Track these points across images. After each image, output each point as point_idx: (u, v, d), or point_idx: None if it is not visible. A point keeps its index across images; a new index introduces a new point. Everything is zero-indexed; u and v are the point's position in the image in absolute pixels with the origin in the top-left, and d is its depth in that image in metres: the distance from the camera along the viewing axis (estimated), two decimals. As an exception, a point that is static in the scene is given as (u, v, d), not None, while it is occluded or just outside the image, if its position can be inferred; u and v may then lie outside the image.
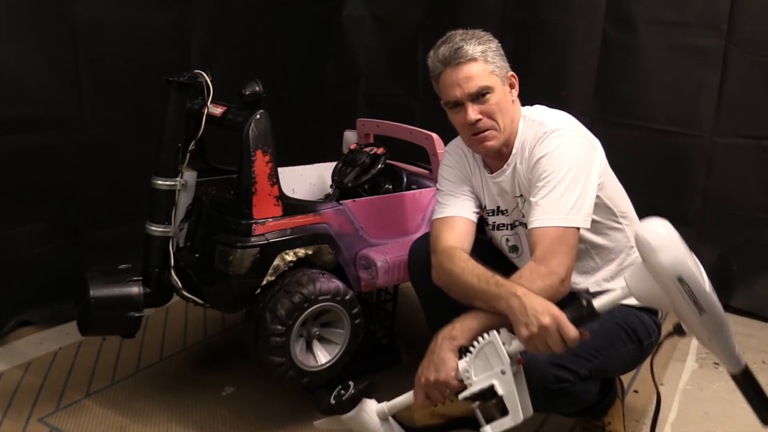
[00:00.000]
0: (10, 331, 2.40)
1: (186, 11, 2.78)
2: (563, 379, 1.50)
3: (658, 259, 1.19)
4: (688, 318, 1.23)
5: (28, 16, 2.26)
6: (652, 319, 1.73)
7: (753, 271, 2.82)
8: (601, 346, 1.60)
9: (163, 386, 2.12)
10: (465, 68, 1.58)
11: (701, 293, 1.18)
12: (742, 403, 2.20)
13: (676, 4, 2.75)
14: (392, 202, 2.16)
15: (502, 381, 1.37)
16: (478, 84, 1.58)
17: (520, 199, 1.70)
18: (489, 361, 1.40)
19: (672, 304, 1.24)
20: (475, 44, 1.59)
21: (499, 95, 1.61)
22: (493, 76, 1.60)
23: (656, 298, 1.26)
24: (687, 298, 1.18)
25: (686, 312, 1.21)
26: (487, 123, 1.61)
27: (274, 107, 1.87)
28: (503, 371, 1.37)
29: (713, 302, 1.20)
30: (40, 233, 2.43)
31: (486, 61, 1.59)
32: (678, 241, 1.22)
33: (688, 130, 2.80)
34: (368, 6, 3.56)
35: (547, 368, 1.47)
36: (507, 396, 1.37)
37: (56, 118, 2.41)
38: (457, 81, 1.59)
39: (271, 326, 1.78)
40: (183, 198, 1.92)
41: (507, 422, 1.37)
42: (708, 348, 1.27)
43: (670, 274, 1.19)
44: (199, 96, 1.90)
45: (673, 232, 1.23)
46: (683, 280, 1.18)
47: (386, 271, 1.98)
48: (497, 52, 1.63)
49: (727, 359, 1.26)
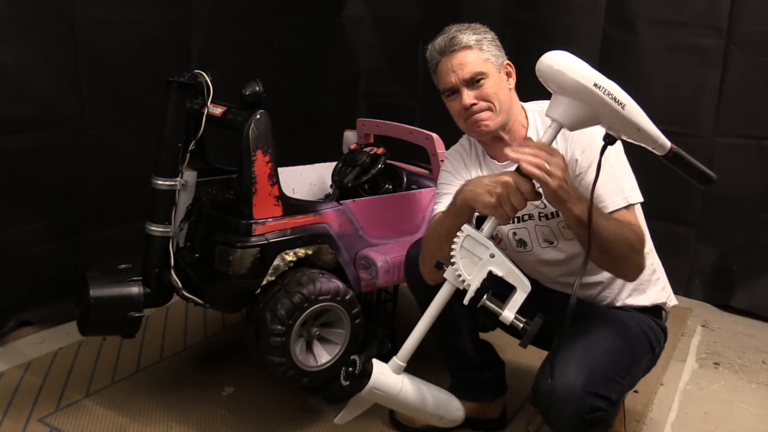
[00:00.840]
0: (10, 331, 2.40)
1: (186, 11, 2.79)
2: (599, 408, 1.48)
3: (572, 77, 1.31)
4: (615, 118, 1.33)
5: (28, 16, 2.26)
6: (658, 324, 1.73)
7: (753, 271, 2.82)
8: (628, 365, 1.60)
9: (163, 386, 2.12)
10: (459, 55, 1.62)
11: (617, 90, 1.31)
12: (742, 403, 2.22)
13: (676, 4, 2.75)
14: (392, 202, 2.16)
15: (496, 263, 1.39)
16: (473, 70, 1.61)
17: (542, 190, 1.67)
18: (474, 255, 1.41)
19: (597, 113, 1.34)
20: (470, 34, 1.64)
21: (494, 81, 1.63)
22: (488, 63, 1.63)
23: (583, 116, 1.36)
24: (608, 98, 1.30)
25: (612, 112, 1.32)
26: (483, 105, 1.63)
27: (274, 107, 1.87)
28: (492, 255, 1.39)
29: (627, 95, 1.32)
30: (40, 233, 2.43)
31: (481, 49, 1.63)
32: (577, 58, 1.35)
33: (688, 130, 2.80)
34: (368, 6, 3.56)
35: (583, 398, 1.45)
36: (507, 273, 1.39)
37: (56, 118, 2.41)
38: (452, 68, 1.63)
39: (271, 326, 1.78)
40: (183, 198, 1.92)
41: (519, 296, 1.39)
42: (638, 140, 1.37)
43: (588, 83, 1.30)
44: (199, 96, 1.90)
45: (566, 53, 1.35)
46: (599, 85, 1.30)
47: (386, 271, 1.98)
48: (493, 42, 1.66)
49: (657, 144, 1.37)
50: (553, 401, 1.47)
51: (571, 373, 1.47)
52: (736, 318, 2.82)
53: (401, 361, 1.53)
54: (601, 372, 1.50)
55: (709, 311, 2.89)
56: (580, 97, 1.33)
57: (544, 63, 1.35)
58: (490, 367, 1.93)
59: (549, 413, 1.51)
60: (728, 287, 2.88)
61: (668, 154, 1.38)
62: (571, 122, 1.38)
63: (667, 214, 2.88)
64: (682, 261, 2.93)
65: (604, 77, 1.32)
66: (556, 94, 1.38)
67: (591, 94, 1.31)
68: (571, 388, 1.45)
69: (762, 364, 2.44)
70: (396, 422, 1.95)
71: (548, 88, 1.38)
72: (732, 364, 2.43)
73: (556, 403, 1.46)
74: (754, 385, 2.28)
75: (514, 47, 2.36)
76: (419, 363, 1.60)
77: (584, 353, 1.49)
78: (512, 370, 2.01)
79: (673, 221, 2.91)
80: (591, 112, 1.34)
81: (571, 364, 1.48)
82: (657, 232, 1.96)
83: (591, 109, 1.34)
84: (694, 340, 2.60)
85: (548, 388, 1.47)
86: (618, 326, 1.63)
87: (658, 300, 1.74)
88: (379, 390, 1.50)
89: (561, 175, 1.35)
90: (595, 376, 1.48)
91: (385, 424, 1.96)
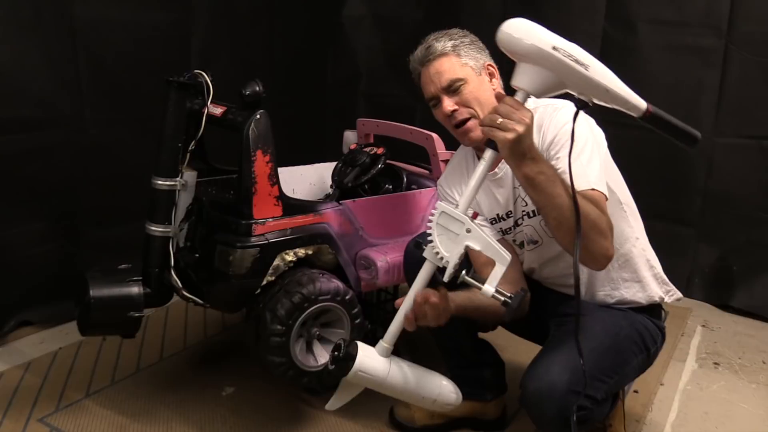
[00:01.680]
0: (10, 331, 2.40)
1: (186, 11, 2.78)
2: (582, 407, 1.48)
3: (530, 42, 1.31)
4: (580, 80, 1.32)
5: (27, 16, 2.26)
6: (655, 324, 1.72)
7: (753, 271, 2.82)
8: (616, 365, 1.60)
9: (163, 386, 2.12)
10: (436, 64, 1.64)
11: (578, 51, 1.31)
12: (742, 403, 2.21)
13: (676, 4, 2.75)
14: (392, 202, 2.16)
15: (472, 238, 1.38)
16: (450, 77, 1.63)
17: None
18: (450, 231, 1.40)
19: (561, 78, 1.33)
20: (446, 40, 1.65)
21: (473, 86, 1.63)
22: (466, 68, 1.64)
23: (548, 82, 1.34)
24: (570, 61, 1.30)
25: (577, 76, 1.31)
26: (464, 112, 1.63)
27: (274, 107, 1.87)
28: (468, 229, 1.39)
29: (590, 55, 1.31)
30: (40, 233, 2.43)
31: (458, 54, 1.64)
32: (535, 24, 1.35)
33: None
34: (368, 6, 3.56)
35: (565, 396, 1.45)
36: (485, 247, 1.38)
37: (56, 118, 2.41)
38: (430, 77, 1.66)
39: (271, 326, 1.78)
40: (183, 198, 1.92)
41: (498, 270, 1.37)
42: (611, 102, 1.35)
43: (546, 47, 1.30)
44: (199, 96, 1.90)
45: (529, 21, 1.35)
46: (558, 47, 1.30)
47: (386, 271, 1.98)
48: (471, 46, 1.67)
49: (630, 104, 1.35)
50: (536, 400, 1.49)
51: (555, 372, 1.48)
52: (736, 318, 2.82)
53: (387, 344, 1.51)
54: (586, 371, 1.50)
55: (709, 311, 2.89)
56: (542, 62, 1.32)
57: (503, 32, 1.35)
58: (490, 366, 1.93)
59: (533, 412, 1.53)
60: (728, 287, 2.88)
61: (645, 115, 1.37)
62: (537, 89, 1.36)
63: (667, 214, 2.88)
64: (682, 261, 2.93)
65: (564, 40, 1.32)
66: (518, 62, 1.37)
67: (551, 57, 1.30)
68: (553, 386, 1.46)
69: (762, 364, 2.44)
70: (396, 422, 1.96)
71: (512, 57, 1.37)
72: (732, 364, 2.43)
73: (539, 402, 1.48)
74: (754, 385, 2.28)
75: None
76: (419, 361, 1.60)
77: (569, 352, 1.49)
78: (512, 370, 2.01)
79: (673, 221, 2.91)
80: (555, 77, 1.34)
81: (555, 363, 1.49)
82: (657, 232, 1.96)
83: (554, 74, 1.33)
84: (694, 340, 2.60)
85: (532, 386, 1.49)
86: (608, 326, 1.64)
87: (654, 296, 1.73)
88: (365, 373, 1.47)
89: (520, 130, 1.32)
90: (579, 375, 1.47)
91: (385, 424, 1.97)
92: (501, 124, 1.33)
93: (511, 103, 1.35)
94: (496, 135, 1.33)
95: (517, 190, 1.69)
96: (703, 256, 2.93)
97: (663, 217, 2.82)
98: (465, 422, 1.96)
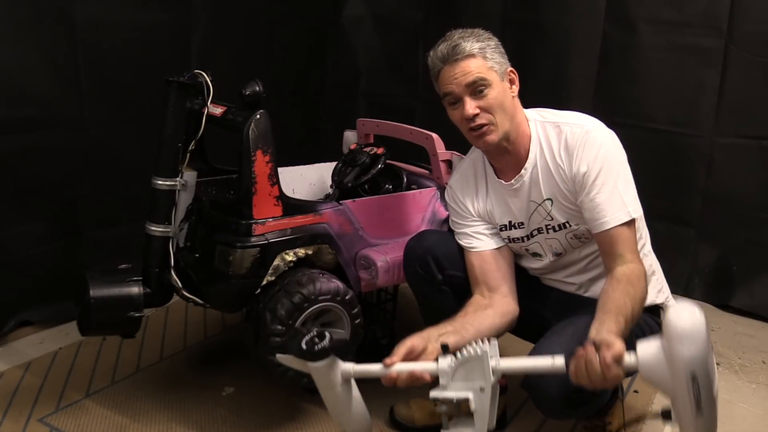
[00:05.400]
0: (10, 331, 2.40)
1: (186, 11, 2.78)
2: (582, 389, 1.48)
3: (679, 348, 1.17)
4: (683, 411, 1.20)
5: (28, 17, 2.26)
6: (654, 321, 1.73)
7: (753, 271, 2.82)
8: None
9: (163, 386, 2.12)
10: (462, 64, 1.59)
11: (707, 396, 1.16)
12: (742, 403, 2.22)
13: (676, 4, 2.75)
14: (392, 202, 2.16)
15: (479, 397, 1.35)
16: (476, 76, 1.59)
17: (548, 203, 1.67)
18: (472, 373, 1.36)
19: (674, 393, 1.21)
20: (473, 41, 1.60)
21: (498, 91, 1.61)
22: (492, 71, 1.60)
23: (661, 380, 1.23)
24: (692, 395, 1.16)
25: (684, 406, 1.19)
26: (484, 118, 1.61)
27: (274, 107, 1.87)
28: (482, 388, 1.34)
29: (714, 408, 1.18)
30: (40, 233, 2.43)
31: (484, 57, 1.60)
32: (705, 337, 1.19)
33: (688, 130, 2.80)
34: (368, 6, 3.56)
35: (566, 380, 1.44)
36: (479, 413, 1.35)
37: (56, 119, 2.41)
38: (454, 76, 1.60)
39: (271, 326, 1.78)
40: (183, 198, 1.92)
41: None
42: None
43: (686, 367, 1.16)
44: (199, 96, 1.90)
45: (703, 326, 1.19)
46: (696, 379, 1.15)
47: (386, 271, 1.98)
48: (496, 49, 1.63)
49: None
50: (538, 380, 1.50)
51: (557, 353, 1.48)
52: (736, 318, 2.82)
53: (354, 375, 1.47)
54: None
55: (709, 311, 2.88)
56: (672, 370, 1.19)
57: (672, 317, 1.20)
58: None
59: (534, 392, 1.54)
60: (728, 287, 2.88)
61: None
62: (647, 373, 1.25)
63: (667, 214, 2.88)
64: (682, 261, 2.93)
65: (712, 375, 1.17)
66: (662, 341, 1.23)
67: (681, 379, 1.17)
68: None
69: (762, 364, 2.44)
70: (396, 422, 1.96)
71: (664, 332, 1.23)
72: (732, 364, 2.43)
73: (540, 383, 1.50)
74: (754, 385, 2.28)
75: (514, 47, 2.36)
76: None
77: (572, 337, 1.51)
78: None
79: (673, 221, 2.90)
80: (670, 386, 1.21)
81: (557, 346, 1.50)
82: (657, 232, 1.96)
83: (671, 386, 1.21)
84: (694, 340, 2.60)
85: None
86: None
87: (655, 301, 1.74)
88: (320, 376, 1.47)
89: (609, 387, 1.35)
90: None
91: (385, 424, 1.97)
92: (593, 381, 1.29)
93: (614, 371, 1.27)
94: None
95: (542, 205, 1.68)
96: (703, 256, 2.93)
97: (663, 217, 2.82)
98: (465, 422, 1.96)
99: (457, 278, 1.80)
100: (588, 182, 1.58)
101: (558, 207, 1.66)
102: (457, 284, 1.80)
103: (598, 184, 1.57)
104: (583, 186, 1.59)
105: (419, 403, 1.96)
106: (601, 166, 1.57)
